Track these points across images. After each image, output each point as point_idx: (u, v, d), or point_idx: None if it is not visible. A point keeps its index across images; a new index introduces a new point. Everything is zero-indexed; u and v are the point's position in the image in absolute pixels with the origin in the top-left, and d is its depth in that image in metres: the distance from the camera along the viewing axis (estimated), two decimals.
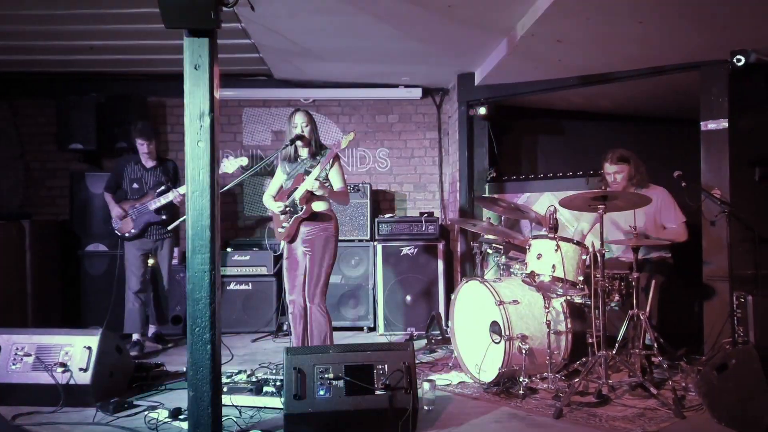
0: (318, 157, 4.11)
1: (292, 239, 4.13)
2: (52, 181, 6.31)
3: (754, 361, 3.07)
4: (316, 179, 3.91)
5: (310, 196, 4.02)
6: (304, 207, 4.02)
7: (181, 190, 4.86)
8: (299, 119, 4.11)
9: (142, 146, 5.07)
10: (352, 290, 5.82)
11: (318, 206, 4.07)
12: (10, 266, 5.33)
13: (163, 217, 5.01)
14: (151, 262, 5.17)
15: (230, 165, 4.83)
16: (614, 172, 4.35)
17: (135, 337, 5.03)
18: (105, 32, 4.90)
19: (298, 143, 4.11)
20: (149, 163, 5.13)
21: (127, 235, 5.01)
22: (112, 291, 5.41)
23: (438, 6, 4.09)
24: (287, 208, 4.08)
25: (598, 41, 4.38)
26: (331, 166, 4.06)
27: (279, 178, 4.28)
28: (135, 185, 5.10)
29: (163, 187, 5.00)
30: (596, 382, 3.69)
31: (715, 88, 4.60)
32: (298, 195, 4.01)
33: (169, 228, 4.91)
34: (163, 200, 4.96)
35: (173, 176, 5.20)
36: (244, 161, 4.91)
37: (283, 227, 4.12)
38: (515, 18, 4.29)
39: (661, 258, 4.33)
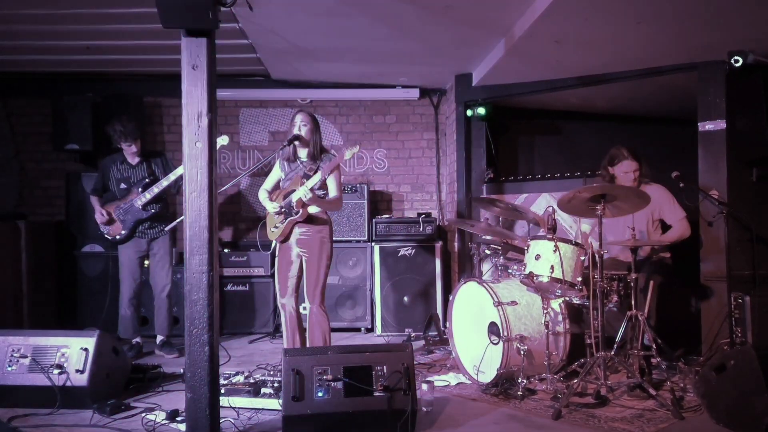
0: (318, 162, 4.09)
1: (285, 239, 4.11)
2: (48, 181, 6.28)
3: (752, 362, 3.07)
4: (310, 189, 3.90)
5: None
6: (300, 211, 4.00)
7: (171, 176, 4.68)
8: (298, 119, 4.12)
9: (130, 147, 4.87)
10: (350, 291, 5.81)
11: (314, 209, 4.06)
12: (5, 267, 5.30)
13: (152, 211, 4.84)
14: (146, 263, 5.09)
15: None
16: (633, 170, 4.29)
17: (134, 340, 4.97)
18: (102, 32, 4.87)
19: (296, 143, 4.10)
20: (135, 160, 4.93)
21: (117, 237, 4.85)
22: (107, 292, 5.39)
23: (436, 6, 4.08)
24: (282, 209, 4.06)
25: (596, 42, 4.38)
26: (330, 173, 4.05)
27: (275, 174, 4.26)
28: (122, 185, 4.91)
29: (146, 181, 4.84)
30: (595, 383, 3.69)
31: (712, 89, 4.61)
32: (295, 198, 3.99)
33: (166, 229, 4.87)
34: (148, 195, 4.77)
35: (163, 169, 4.95)
36: (224, 140, 4.68)
37: (276, 227, 4.10)
38: (513, 18, 4.29)
39: (660, 258, 4.33)
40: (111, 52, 5.40)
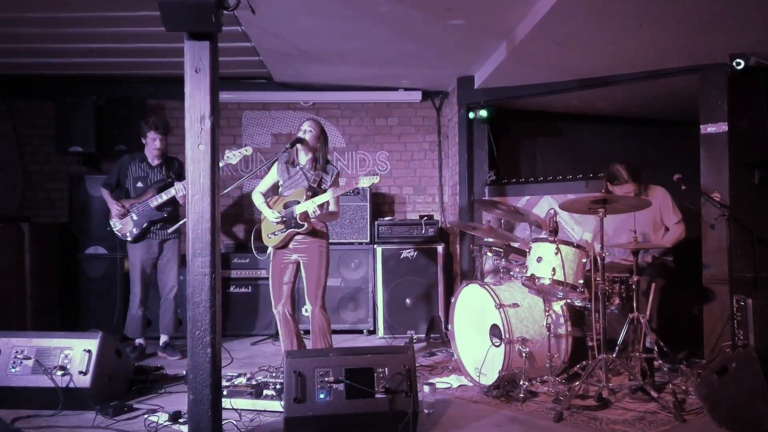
0: (320, 173, 4.09)
1: (283, 246, 4.11)
2: (51, 183, 6.30)
3: (754, 364, 3.07)
4: (317, 206, 3.91)
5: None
6: (305, 224, 3.99)
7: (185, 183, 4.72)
8: (306, 125, 4.14)
9: (154, 141, 4.89)
10: (352, 293, 5.81)
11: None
12: (8, 269, 5.31)
13: (165, 214, 4.86)
14: None
15: (234, 156, 4.63)
16: (633, 191, 4.25)
17: (137, 341, 5.00)
18: (105, 35, 4.89)
19: (299, 146, 4.10)
20: (155, 161, 4.97)
21: (128, 236, 4.85)
22: (111, 294, 5.40)
23: (438, 9, 4.09)
24: (283, 219, 4.05)
25: (597, 44, 4.38)
26: (332, 185, 4.07)
27: (272, 178, 4.25)
28: (139, 184, 4.93)
29: (163, 183, 4.85)
30: (596, 385, 3.68)
31: (714, 92, 4.61)
32: (299, 210, 3.98)
33: (170, 230, 4.87)
34: (165, 196, 4.77)
35: (178, 174, 4.97)
36: (248, 151, 4.69)
37: (275, 234, 4.09)
38: (515, 21, 4.29)
39: (662, 260, 4.33)
40: (114, 55, 5.42)
